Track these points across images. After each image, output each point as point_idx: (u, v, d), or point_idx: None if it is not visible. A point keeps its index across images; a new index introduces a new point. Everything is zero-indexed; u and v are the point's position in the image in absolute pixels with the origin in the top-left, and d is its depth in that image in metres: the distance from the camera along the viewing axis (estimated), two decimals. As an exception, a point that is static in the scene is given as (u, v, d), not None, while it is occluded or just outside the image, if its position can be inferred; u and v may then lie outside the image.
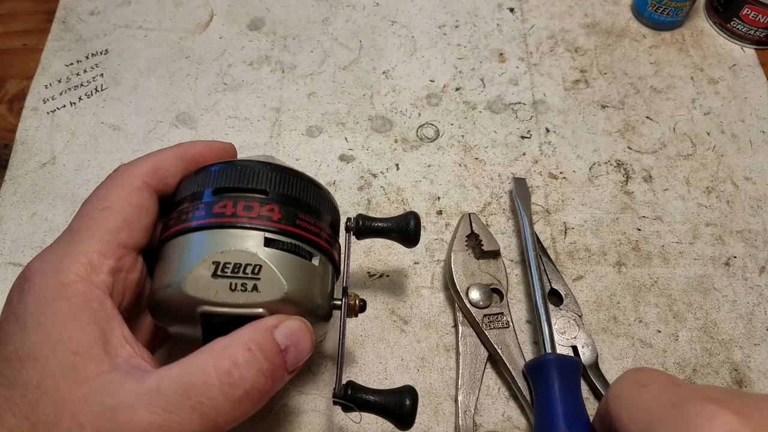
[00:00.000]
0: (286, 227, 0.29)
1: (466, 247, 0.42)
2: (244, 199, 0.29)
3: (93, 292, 0.26)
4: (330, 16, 0.56)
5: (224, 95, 0.52)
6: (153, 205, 0.30)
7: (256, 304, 0.27)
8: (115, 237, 0.27)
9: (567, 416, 0.33)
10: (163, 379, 0.24)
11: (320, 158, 0.49)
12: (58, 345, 0.24)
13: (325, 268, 0.31)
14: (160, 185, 0.30)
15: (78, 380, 0.23)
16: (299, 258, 0.29)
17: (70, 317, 0.25)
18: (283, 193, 0.30)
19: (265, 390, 0.26)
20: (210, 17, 0.56)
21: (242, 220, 0.28)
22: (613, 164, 0.49)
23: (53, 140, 0.49)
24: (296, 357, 0.27)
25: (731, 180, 0.48)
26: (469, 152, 0.49)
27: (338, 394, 0.30)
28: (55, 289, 0.25)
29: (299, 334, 0.27)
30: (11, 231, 0.45)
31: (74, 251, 0.26)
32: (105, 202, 0.28)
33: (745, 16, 0.53)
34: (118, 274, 0.27)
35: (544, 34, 0.55)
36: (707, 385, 0.36)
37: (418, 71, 0.53)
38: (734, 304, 0.43)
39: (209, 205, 0.29)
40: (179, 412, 0.23)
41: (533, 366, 0.37)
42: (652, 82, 0.53)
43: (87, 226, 0.27)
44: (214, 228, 0.28)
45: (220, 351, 0.25)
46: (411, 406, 0.30)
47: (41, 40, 0.55)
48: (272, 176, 0.30)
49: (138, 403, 0.23)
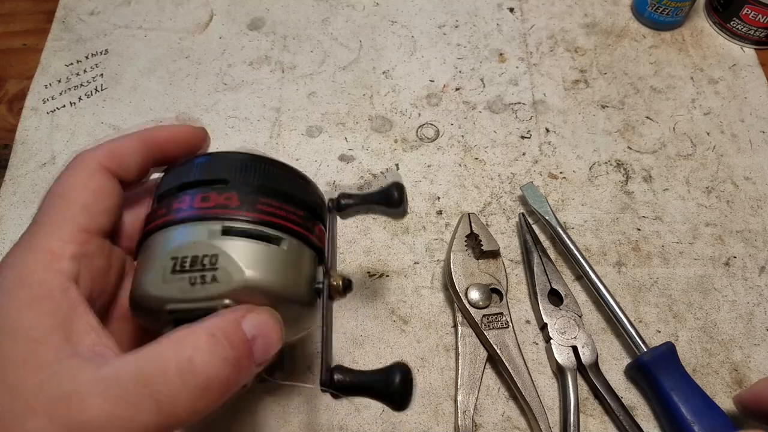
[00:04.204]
0: (245, 213, 0.28)
1: (465, 247, 0.42)
2: (203, 191, 0.28)
3: (55, 280, 0.25)
4: (330, 16, 0.56)
5: (224, 95, 0.52)
6: (113, 188, 0.29)
7: (217, 295, 0.26)
8: (75, 222, 0.27)
9: (704, 407, 0.37)
10: (120, 367, 0.23)
11: (320, 158, 0.49)
12: (18, 332, 0.24)
13: (298, 251, 0.29)
14: (118, 169, 0.29)
15: (34, 367, 0.23)
16: (262, 243, 0.27)
17: (30, 305, 0.24)
18: (243, 180, 0.29)
19: (230, 380, 0.24)
20: (210, 17, 0.56)
21: (198, 213, 0.28)
22: (613, 164, 0.49)
23: (53, 140, 0.49)
24: (264, 349, 0.26)
25: (731, 180, 0.48)
26: (469, 152, 0.49)
27: (324, 381, 0.28)
28: (16, 280, 0.25)
29: (268, 325, 0.26)
30: (11, 231, 0.45)
31: (35, 241, 0.26)
32: (61, 189, 0.28)
33: (744, 16, 0.53)
34: (83, 260, 0.26)
35: (544, 34, 0.55)
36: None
37: (418, 71, 0.53)
38: (734, 304, 0.43)
39: (170, 203, 0.29)
40: (134, 400, 0.22)
41: (651, 363, 0.38)
42: (651, 82, 0.53)
43: (47, 215, 0.27)
44: (172, 224, 0.28)
45: (182, 338, 0.24)
46: (401, 382, 0.28)
47: (41, 40, 0.55)
48: (232, 165, 0.29)
49: (93, 391, 0.22)
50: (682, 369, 0.38)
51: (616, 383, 0.40)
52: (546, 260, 0.43)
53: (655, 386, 0.38)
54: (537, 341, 0.41)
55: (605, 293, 0.41)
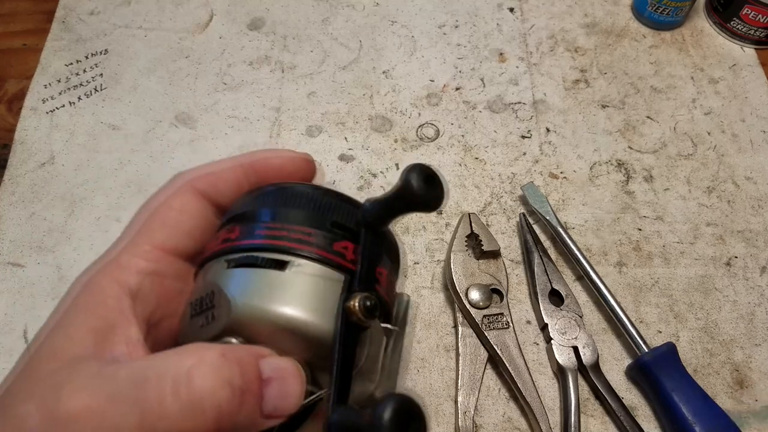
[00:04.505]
0: (242, 242, 0.25)
1: (466, 247, 0.42)
2: (226, 227, 0.27)
3: (112, 290, 0.25)
4: (330, 16, 0.56)
5: (224, 95, 0.52)
6: (200, 210, 0.28)
7: (217, 333, 0.24)
8: (150, 239, 0.27)
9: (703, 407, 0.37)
10: (122, 368, 0.22)
11: (320, 158, 0.48)
12: (60, 329, 0.24)
13: (311, 274, 0.25)
14: (212, 192, 0.28)
15: (54, 359, 0.23)
16: (261, 270, 0.25)
17: (82, 307, 0.25)
18: (249, 210, 0.27)
19: (227, 411, 0.21)
20: (210, 17, 0.56)
21: (213, 251, 0.26)
22: (614, 164, 0.48)
23: (52, 140, 0.49)
24: (278, 397, 0.23)
25: (732, 180, 0.48)
26: (469, 152, 0.49)
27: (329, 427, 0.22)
28: (81, 285, 0.26)
29: (289, 373, 0.23)
30: (10, 231, 0.45)
31: (112, 251, 0.27)
32: (149, 205, 0.28)
33: (745, 15, 0.52)
34: (150, 278, 0.26)
35: (544, 33, 0.55)
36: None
37: (418, 71, 0.53)
38: (735, 304, 0.43)
39: (209, 242, 0.28)
40: (120, 403, 0.21)
41: (651, 364, 0.38)
42: (652, 82, 0.53)
43: (130, 229, 0.27)
44: (201, 266, 0.27)
45: (193, 349, 0.22)
46: (390, 424, 0.20)
47: (41, 40, 0.55)
48: (250, 197, 0.28)
49: (87, 385, 0.21)
50: (683, 369, 0.38)
51: (617, 384, 0.40)
52: (547, 260, 0.42)
53: (656, 387, 0.38)
54: (538, 342, 0.41)
55: (606, 293, 0.41)
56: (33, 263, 0.44)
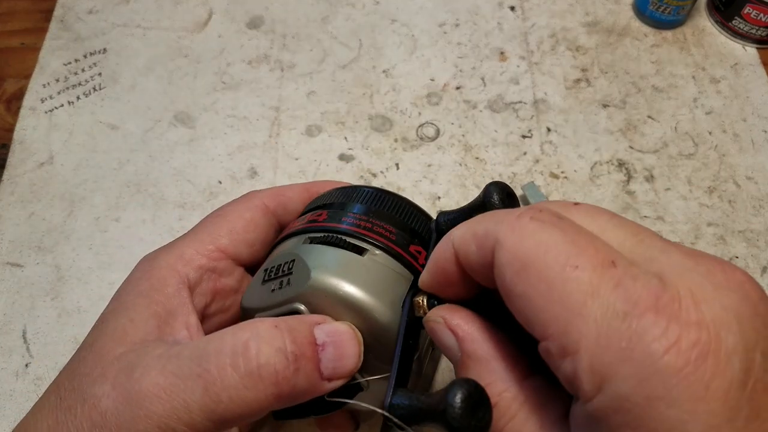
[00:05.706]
0: (328, 224, 0.28)
1: (466, 247, 0.42)
2: (311, 213, 0.30)
3: (173, 279, 0.27)
4: (329, 15, 0.56)
5: (223, 94, 0.51)
6: (265, 225, 0.31)
7: (290, 298, 0.26)
8: (214, 240, 0.29)
9: None
10: (186, 347, 0.24)
11: (320, 158, 0.48)
12: (123, 312, 0.26)
13: (383, 264, 0.27)
14: (279, 209, 0.32)
15: (122, 342, 0.25)
16: (341, 250, 0.27)
17: (144, 293, 0.27)
18: (341, 201, 0.30)
19: (284, 376, 0.23)
20: (209, 16, 0.56)
21: (293, 229, 0.30)
22: (615, 164, 0.48)
23: (51, 140, 0.49)
24: (335, 359, 0.24)
25: (733, 179, 0.48)
26: (469, 152, 0.49)
27: (390, 406, 0.23)
28: (146, 270, 0.28)
29: (343, 335, 0.25)
30: (9, 231, 0.45)
31: (176, 244, 0.29)
32: (221, 212, 0.31)
33: (746, 15, 0.52)
34: (209, 274, 0.29)
35: (545, 32, 0.55)
36: None
37: (418, 70, 0.53)
38: (736, 304, 0.42)
39: (289, 225, 0.31)
40: (186, 379, 0.22)
41: None
42: (653, 81, 0.52)
43: (198, 228, 0.30)
44: (280, 242, 0.30)
45: (248, 324, 0.24)
46: (463, 404, 0.20)
47: (39, 39, 0.54)
48: (340, 192, 0.32)
49: (155, 365, 0.23)
50: None
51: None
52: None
53: None
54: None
55: None
56: (32, 263, 0.44)
